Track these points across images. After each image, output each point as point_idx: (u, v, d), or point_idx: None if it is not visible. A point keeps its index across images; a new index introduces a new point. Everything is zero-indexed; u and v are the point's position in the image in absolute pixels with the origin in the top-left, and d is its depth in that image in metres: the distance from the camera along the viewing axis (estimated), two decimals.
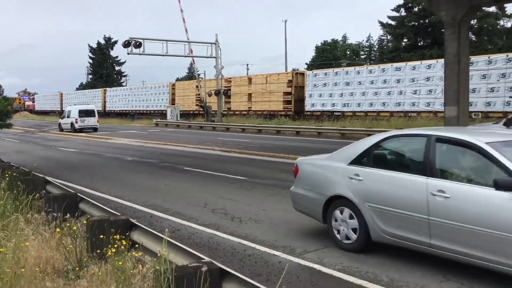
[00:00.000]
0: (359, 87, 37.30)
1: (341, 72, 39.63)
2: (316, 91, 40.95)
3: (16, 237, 6.00)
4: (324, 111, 40.01)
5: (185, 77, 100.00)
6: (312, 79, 41.52)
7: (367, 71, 37.50)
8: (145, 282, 4.83)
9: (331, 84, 39.65)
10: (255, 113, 45.96)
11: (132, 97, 65.63)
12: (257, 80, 47.28)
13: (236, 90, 49.08)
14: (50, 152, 22.92)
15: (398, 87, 34.39)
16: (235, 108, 49.14)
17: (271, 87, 45.10)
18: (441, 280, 5.67)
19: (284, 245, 7.19)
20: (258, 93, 46.54)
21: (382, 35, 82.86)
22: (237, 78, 51.28)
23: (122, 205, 10.17)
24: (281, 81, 44.49)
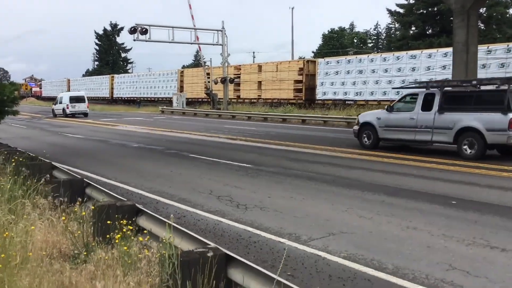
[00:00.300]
0: (372, 75, 36.51)
1: (354, 60, 38.73)
2: (328, 79, 40.18)
3: (23, 222, 6.04)
4: (336, 99, 39.27)
5: (191, 65, 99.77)
6: (324, 67, 40.68)
7: (381, 59, 36.62)
8: (151, 267, 4.86)
9: (344, 72, 38.83)
10: (265, 101, 45.19)
11: (140, 84, 65.29)
12: (267, 67, 46.50)
13: (245, 78, 48.47)
14: (57, 138, 23.00)
15: (413, 75, 33.39)
16: (244, 96, 48.53)
17: (281, 75, 44.29)
18: (446, 269, 5.67)
19: (289, 232, 7.20)
20: (268, 81, 45.78)
21: (390, 23, 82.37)
22: (247, 66, 50.57)
23: (128, 191, 10.20)
24: (292, 69, 43.62)
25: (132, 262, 4.96)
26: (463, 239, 6.76)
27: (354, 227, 7.42)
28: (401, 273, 5.56)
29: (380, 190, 10.05)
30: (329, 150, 16.53)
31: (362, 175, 11.85)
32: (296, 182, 11.14)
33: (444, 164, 13.17)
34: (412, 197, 9.34)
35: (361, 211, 8.33)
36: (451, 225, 7.43)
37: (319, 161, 14.23)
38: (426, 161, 13.67)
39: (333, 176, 11.77)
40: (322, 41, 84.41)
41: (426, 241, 6.69)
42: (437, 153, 15.42)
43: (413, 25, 53.86)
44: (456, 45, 24.63)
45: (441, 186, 10.48)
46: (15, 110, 14.34)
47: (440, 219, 7.81)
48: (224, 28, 42.41)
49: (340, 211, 8.41)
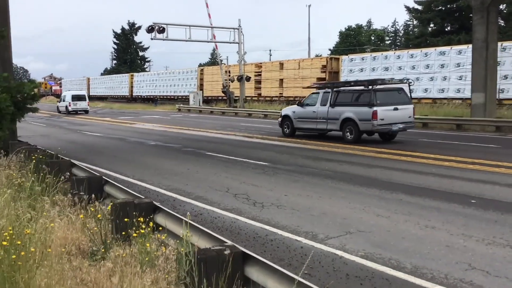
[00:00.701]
0: (399, 72, 35.06)
1: (379, 57, 37.88)
2: (352, 77, 38.29)
3: (42, 218, 6.12)
4: None
5: (208, 63, 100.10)
6: (348, 64, 39.85)
7: (408, 55, 35.56)
8: (168, 264, 4.89)
9: (369, 69, 37.84)
10: (286, 99, 43.90)
11: (159, 82, 64.94)
12: (289, 65, 45.65)
13: (266, 76, 47.76)
14: (76, 136, 23.27)
15: (442, 72, 32.57)
16: (265, 94, 47.83)
17: (303, 73, 43.35)
18: (466, 269, 5.60)
19: (306, 230, 7.18)
20: (290, 79, 44.90)
21: (408, 20, 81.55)
22: (268, 63, 49.73)
23: (146, 189, 10.28)
24: (315, 66, 42.77)
25: (149, 259, 5.00)
26: (482, 238, 6.66)
27: (372, 225, 7.37)
28: (420, 272, 5.51)
29: (398, 188, 9.97)
30: (346, 148, 16.44)
31: (380, 174, 11.76)
32: (313, 180, 11.10)
33: (463, 163, 13.00)
34: (430, 196, 9.24)
35: (379, 210, 8.27)
36: (470, 224, 7.34)
37: (336, 159, 14.16)
38: (445, 160, 13.51)
39: (351, 175, 11.70)
40: (339, 39, 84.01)
41: (445, 240, 6.61)
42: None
43: (431, 22, 53.24)
44: (476, 42, 24.32)
45: (460, 184, 10.34)
46: (35, 107, 14.50)
47: (459, 218, 7.72)
48: (241, 26, 42.43)
49: (357, 209, 8.36)
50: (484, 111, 23.74)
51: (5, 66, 14.86)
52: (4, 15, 14.98)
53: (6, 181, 8.29)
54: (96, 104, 67.68)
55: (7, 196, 6.60)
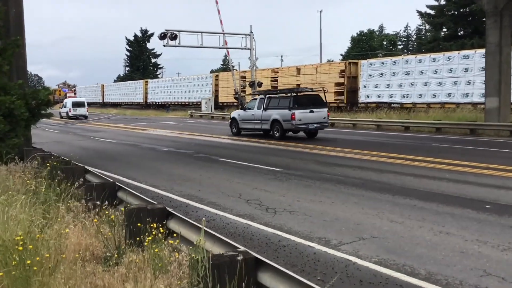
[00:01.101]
0: (420, 76, 34.60)
1: (400, 61, 36.87)
2: (371, 82, 38.41)
3: (57, 224, 6.17)
4: (380, 102, 37.40)
5: (220, 69, 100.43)
6: (367, 69, 38.89)
7: (430, 59, 34.41)
8: (181, 270, 4.90)
9: (389, 73, 36.98)
10: None
11: (173, 88, 64.74)
12: (306, 70, 44.93)
13: (283, 81, 46.87)
14: (89, 143, 23.47)
15: (466, 76, 31.59)
16: None
17: (321, 78, 42.34)
18: (481, 275, 5.54)
19: (319, 236, 7.16)
20: (307, 84, 42.41)
21: (420, 24, 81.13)
22: (285, 69, 48.96)
23: (159, 195, 10.32)
24: (333, 71, 41.85)
25: (162, 265, 5.01)
26: (498, 244, 6.59)
27: (385, 231, 7.32)
28: (434, 278, 5.46)
29: (411, 194, 9.90)
30: (358, 154, 16.37)
31: (392, 179, 11.69)
32: (325, 185, 11.07)
33: (477, 168, 12.88)
34: (444, 201, 9.16)
35: (392, 215, 8.21)
36: (485, 230, 7.26)
37: (348, 165, 14.11)
38: (459, 165, 13.40)
39: (363, 180, 11.65)
40: (350, 44, 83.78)
41: (459, 246, 6.55)
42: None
43: (444, 27, 52.94)
44: (489, 46, 24.15)
45: (474, 190, 10.24)
46: (49, 112, 14.73)
47: (473, 223, 7.64)
48: (252, 32, 42.48)
49: (371, 215, 8.31)
50: (498, 116, 23.51)
51: (20, 74, 15.06)
52: (19, 24, 15.20)
53: (21, 187, 8.38)
54: (109, 111, 68.27)
55: (22, 202, 6.67)
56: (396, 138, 22.64)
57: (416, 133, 25.44)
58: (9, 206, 6.41)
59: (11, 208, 6.33)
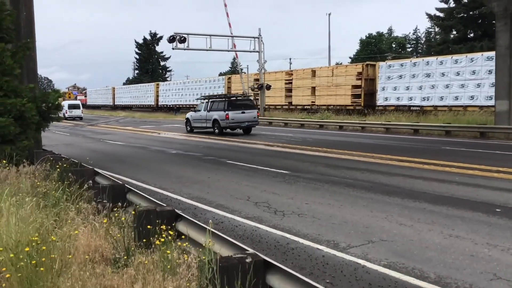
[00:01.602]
0: (442, 79, 33.67)
1: (420, 63, 35.84)
2: (390, 84, 37.56)
3: (66, 226, 6.21)
4: (399, 105, 36.58)
5: (228, 72, 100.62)
6: (386, 71, 38.05)
7: (452, 61, 33.45)
8: (190, 272, 4.91)
9: (408, 76, 36.16)
10: (319, 108, 42.75)
11: (185, 91, 64.09)
12: (322, 72, 44.15)
13: (298, 84, 46.27)
14: (99, 145, 23.59)
15: (489, 78, 29.87)
16: (296, 103, 46.39)
17: (337, 80, 41.80)
18: (491, 278, 5.50)
19: (328, 239, 7.14)
20: (323, 87, 43.34)
21: (430, 27, 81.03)
22: (299, 71, 47.96)
23: (167, 197, 10.35)
24: (349, 73, 41.07)
25: (171, 267, 5.03)
26: (508, 247, 6.54)
27: (394, 234, 7.29)
28: (444, 282, 5.43)
29: (421, 197, 9.85)
30: (367, 157, 16.32)
31: (402, 182, 11.64)
32: (333, 188, 11.04)
33: (487, 171, 12.80)
34: (454, 205, 9.11)
35: (401, 219, 8.18)
36: (495, 234, 7.21)
37: (356, 168, 14.06)
38: (468, 168, 13.32)
39: (372, 183, 11.61)
40: (359, 46, 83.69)
41: (469, 249, 6.51)
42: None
43: (453, 29, 52.69)
44: (499, 49, 24.02)
45: (484, 193, 10.17)
46: (59, 116, 14.87)
47: (483, 227, 7.59)
48: (261, 35, 42.63)
49: (380, 218, 8.28)
50: (509, 119, 23.35)
51: (30, 76, 15.19)
52: (29, 27, 15.33)
53: (31, 189, 8.45)
54: (118, 114, 68.53)
55: (32, 204, 6.72)
56: (405, 141, 22.54)
57: (426, 136, 25.33)
58: (19, 207, 6.46)
59: (21, 209, 6.38)
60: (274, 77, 48.02)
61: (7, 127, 12.45)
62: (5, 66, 12.85)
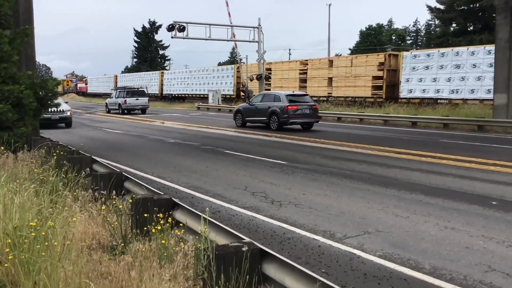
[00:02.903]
0: (473, 70, 31.54)
1: (449, 53, 33.42)
2: (415, 75, 35.38)
3: (64, 213, 6.22)
4: (424, 98, 34.58)
5: (227, 62, 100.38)
6: (410, 61, 35.90)
7: (484, 51, 30.99)
8: (187, 260, 4.94)
9: (436, 66, 33.88)
10: (336, 100, 40.80)
11: (192, 80, 61.19)
12: (340, 62, 42.21)
13: (313, 74, 44.01)
14: (97, 133, 23.57)
15: None
16: (311, 94, 42.96)
17: (357, 71, 39.73)
18: (485, 270, 5.54)
19: (324, 229, 7.18)
20: (341, 77, 41.19)
21: (430, 19, 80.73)
22: (315, 60, 45.55)
23: (165, 186, 10.37)
24: (370, 63, 38.84)
25: (168, 254, 5.06)
26: (503, 240, 6.58)
27: (390, 226, 7.33)
28: (438, 273, 5.47)
29: (417, 189, 9.89)
30: (365, 148, 16.35)
31: (399, 174, 11.68)
32: (331, 179, 11.07)
33: (484, 164, 12.84)
34: (450, 197, 9.15)
35: (397, 210, 8.22)
36: (490, 226, 7.25)
37: (354, 159, 14.09)
38: (465, 161, 13.36)
39: (369, 174, 11.64)
40: (359, 38, 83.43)
41: (464, 241, 6.55)
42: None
43: (453, 22, 52.54)
44: (499, 42, 24.00)
45: (480, 186, 10.22)
46: (57, 103, 14.87)
47: (479, 219, 7.63)
48: (261, 25, 42.39)
49: (376, 209, 8.32)
50: (507, 112, 23.38)
51: (29, 63, 15.14)
52: (28, 14, 15.25)
53: (28, 176, 8.45)
54: None
55: (30, 191, 6.73)
56: (403, 133, 22.57)
57: (424, 128, 25.36)
58: (17, 194, 6.47)
59: (19, 195, 6.39)
60: (287, 67, 46.39)
61: (4, 113, 12.43)
62: (3, 52, 12.80)
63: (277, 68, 46.20)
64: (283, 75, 47.34)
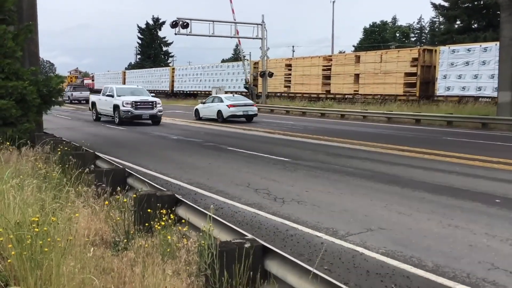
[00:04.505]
0: None
1: (492, 48, 30.21)
2: (453, 72, 32.76)
3: (67, 208, 6.23)
4: (464, 96, 32.01)
5: (231, 59, 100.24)
6: (448, 57, 33.18)
7: None
8: (190, 256, 4.94)
9: (477, 62, 31.36)
10: (364, 97, 38.65)
11: (204, 76, 59.24)
12: (368, 58, 39.57)
13: (338, 70, 41.61)
14: (100, 129, 23.59)
15: None
16: (336, 91, 41.82)
17: (387, 67, 37.26)
18: (488, 268, 5.52)
19: (327, 226, 7.17)
20: (369, 74, 38.66)
21: (434, 17, 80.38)
22: (340, 56, 44.04)
23: (168, 182, 10.37)
24: (402, 59, 36.46)
25: (171, 250, 5.06)
26: (506, 238, 6.56)
27: (393, 223, 7.32)
28: (441, 271, 5.46)
29: (420, 186, 9.86)
30: (368, 146, 16.32)
31: (402, 171, 11.65)
32: (334, 176, 11.06)
33: (488, 162, 12.80)
34: (454, 195, 9.13)
35: (401, 208, 8.20)
36: (494, 224, 7.23)
37: (357, 156, 14.07)
38: (469, 159, 13.32)
39: (372, 172, 11.62)
40: (363, 35, 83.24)
41: (467, 239, 6.53)
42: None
43: (458, 19, 52.29)
44: (503, 40, 23.92)
45: (484, 184, 10.19)
46: (61, 100, 14.87)
47: (482, 217, 7.61)
48: (264, 22, 42.38)
49: (379, 207, 8.30)
50: (511, 110, 23.31)
51: (32, 59, 15.14)
52: (31, 9, 15.25)
53: (32, 171, 8.46)
54: None
55: (33, 186, 6.74)
56: (407, 130, 22.53)
57: (427, 126, 25.29)
58: (21, 189, 6.48)
59: (22, 191, 6.40)
60: (309, 63, 44.62)
61: (8, 109, 12.45)
62: (6, 48, 12.81)
63: (297, 64, 44.43)
64: (304, 71, 45.28)
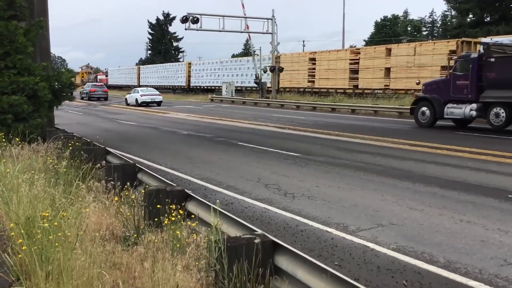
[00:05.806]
0: None
1: None
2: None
3: (78, 203, 6.26)
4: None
5: (241, 54, 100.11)
6: None
7: None
8: (199, 251, 4.94)
9: None
10: (395, 92, 35.97)
11: (222, 71, 57.60)
12: (400, 50, 37.29)
13: (366, 64, 39.43)
14: (111, 125, 23.71)
15: None
16: (364, 86, 39.59)
17: (421, 60, 34.85)
18: (501, 264, 5.46)
19: (337, 222, 7.13)
20: (401, 67, 36.38)
21: (446, 10, 79.47)
22: (369, 49, 41.67)
23: (178, 177, 10.39)
24: (439, 51, 33.70)
25: (180, 246, 5.06)
26: None
27: (404, 218, 7.26)
28: (453, 267, 5.41)
29: (432, 181, 9.78)
30: (379, 141, 16.21)
31: (413, 166, 11.56)
32: (344, 172, 11.00)
33: (500, 157, 12.65)
34: (466, 190, 9.03)
35: (412, 203, 8.14)
36: (506, 219, 7.15)
37: (368, 151, 13.99)
38: (481, 153, 13.17)
39: (383, 167, 11.54)
40: (374, 29, 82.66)
41: (480, 235, 6.46)
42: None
43: (470, 13, 51.75)
44: None
45: (496, 179, 10.07)
46: (72, 95, 14.97)
47: (495, 212, 7.52)
48: (274, 17, 42.22)
49: (390, 202, 8.25)
50: None
51: (43, 55, 15.22)
52: (43, 5, 15.32)
53: (43, 166, 8.52)
54: None
55: (44, 181, 6.78)
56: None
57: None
58: (32, 184, 6.53)
59: (34, 186, 6.44)
60: (335, 56, 43.23)
61: (20, 105, 12.55)
62: (17, 44, 12.89)
63: (322, 58, 43.17)
64: (330, 65, 43.24)
